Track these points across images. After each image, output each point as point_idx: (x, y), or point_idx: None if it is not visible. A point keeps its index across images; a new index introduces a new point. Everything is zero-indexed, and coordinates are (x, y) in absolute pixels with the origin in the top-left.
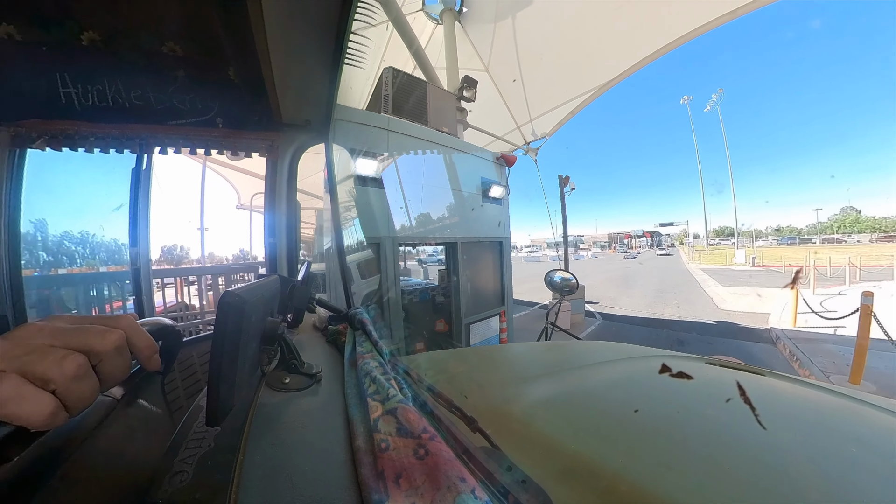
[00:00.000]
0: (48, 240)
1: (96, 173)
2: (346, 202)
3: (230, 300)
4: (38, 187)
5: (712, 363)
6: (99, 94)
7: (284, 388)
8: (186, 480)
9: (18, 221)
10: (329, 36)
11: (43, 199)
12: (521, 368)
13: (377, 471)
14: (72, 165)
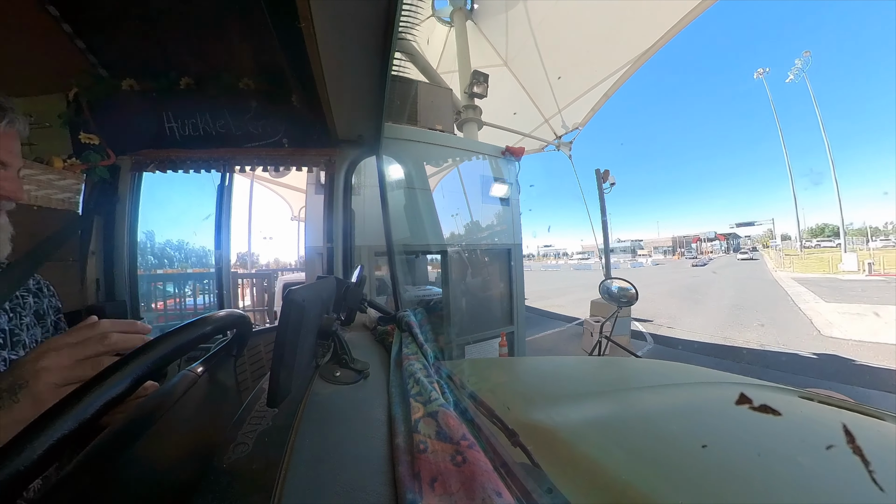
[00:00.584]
0: (155, 246)
1: (190, 189)
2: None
3: (293, 298)
4: (149, 203)
5: (809, 398)
6: (192, 126)
7: (335, 380)
8: (246, 452)
9: (136, 231)
10: (376, 59)
11: (153, 213)
12: (570, 384)
13: (414, 471)
14: (173, 184)
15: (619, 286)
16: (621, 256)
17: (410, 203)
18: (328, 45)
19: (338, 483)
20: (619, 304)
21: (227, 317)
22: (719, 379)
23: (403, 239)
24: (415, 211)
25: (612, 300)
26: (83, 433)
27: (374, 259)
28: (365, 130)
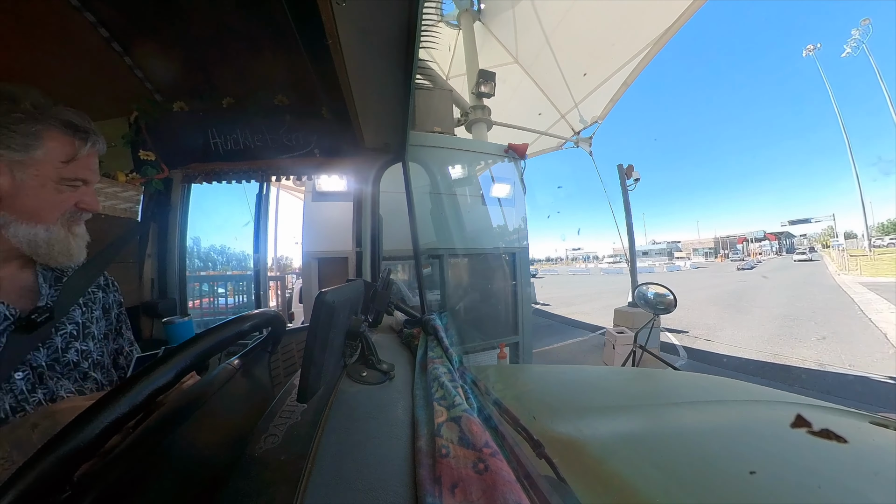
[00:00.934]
0: (200, 250)
1: (232, 198)
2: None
3: (324, 299)
4: (196, 211)
5: (883, 424)
6: (234, 140)
7: (361, 380)
8: (276, 443)
9: (185, 236)
10: (399, 70)
11: (199, 220)
12: (601, 395)
13: (434, 475)
14: (218, 194)
15: (655, 292)
16: (656, 259)
17: (425, 206)
18: (353, 59)
19: (360, 480)
20: (655, 311)
21: (263, 315)
22: (772, 398)
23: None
24: (424, 215)
25: (647, 307)
26: (135, 416)
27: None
28: (391, 138)
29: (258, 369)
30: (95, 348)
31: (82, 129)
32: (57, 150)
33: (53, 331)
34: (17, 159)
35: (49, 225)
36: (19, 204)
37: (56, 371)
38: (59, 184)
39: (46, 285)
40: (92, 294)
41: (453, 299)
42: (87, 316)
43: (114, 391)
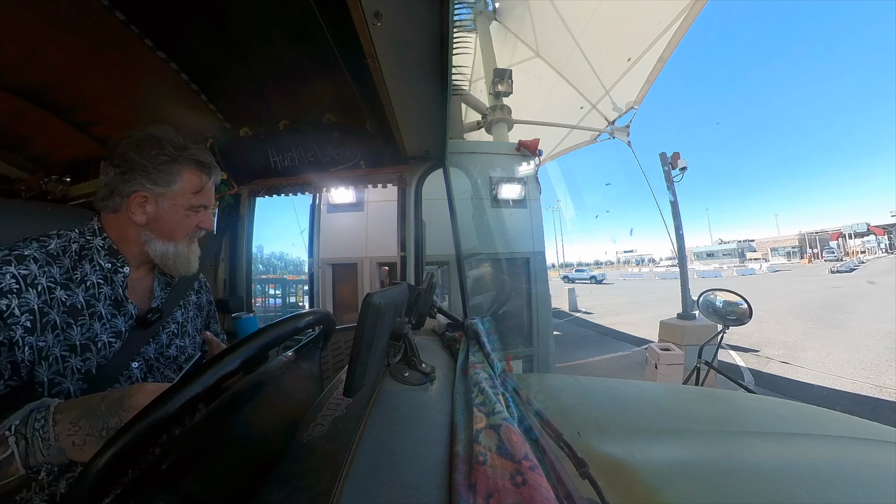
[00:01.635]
0: (263, 256)
1: (289, 209)
2: None
3: (371, 301)
4: (261, 222)
5: None
6: (290, 158)
7: (403, 380)
8: (322, 432)
9: (252, 244)
10: (435, 81)
11: (263, 229)
12: (658, 416)
13: (470, 482)
14: (278, 206)
15: (725, 300)
16: (724, 261)
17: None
18: (391, 74)
19: (397, 477)
20: (725, 322)
21: (316, 314)
22: (884, 436)
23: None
24: (430, 224)
25: (714, 317)
26: (207, 396)
27: (377, 269)
28: (431, 146)
29: (310, 363)
30: (189, 344)
31: (208, 166)
32: (190, 184)
33: (161, 328)
34: (161, 192)
35: (177, 242)
36: (159, 226)
37: (160, 363)
38: (188, 210)
39: (159, 288)
40: (187, 296)
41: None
42: (184, 316)
43: (191, 374)
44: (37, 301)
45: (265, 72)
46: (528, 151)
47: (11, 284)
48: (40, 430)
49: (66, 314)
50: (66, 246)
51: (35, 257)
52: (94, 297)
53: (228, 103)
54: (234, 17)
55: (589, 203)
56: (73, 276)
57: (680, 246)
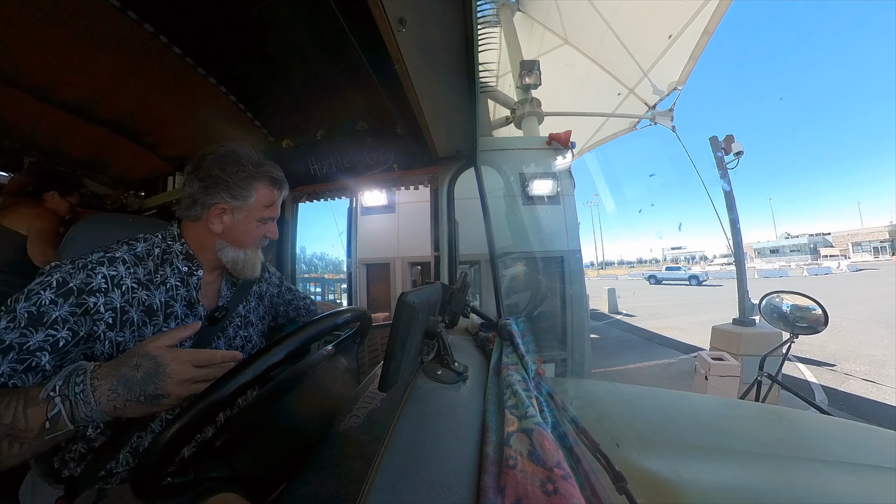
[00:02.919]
0: (306, 257)
1: (328, 212)
2: None
3: (406, 300)
4: (303, 225)
5: None
6: (328, 164)
7: (436, 378)
8: (357, 424)
9: (295, 245)
10: (463, 80)
11: (304, 232)
12: (709, 432)
13: (499, 485)
14: (317, 210)
15: (793, 304)
16: (791, 259)
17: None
18: (419, 77)
19: (426, 473)
20: (793, 330)
21: (354, 312)
22: None
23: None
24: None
25: (780, 324)
26: (256, 383)
27: (409, 269)
28: (461, 145)
29: (347, 357)
30: (254, 332)
31: (280, 181)
32: (263, 198)
33: (227, 323)
34: (238, 205)
35: (247, 250)
36: (232, 235)
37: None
38: (259, 221)
39: (226, 288)
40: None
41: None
42: (246, 308)
43: (242, 363)
44: (120, 300)
45: (302, 87)
46: (559, 144)
47: (101, 284)
48: (81, 393)
49: (143, 313)
50: (150, 249)
51: (124, 259)
52: (173, 298)
53: (271, 118)
54: (272, 40)
55: (631, 196)
56: (153, 279)
57: (736, 241)
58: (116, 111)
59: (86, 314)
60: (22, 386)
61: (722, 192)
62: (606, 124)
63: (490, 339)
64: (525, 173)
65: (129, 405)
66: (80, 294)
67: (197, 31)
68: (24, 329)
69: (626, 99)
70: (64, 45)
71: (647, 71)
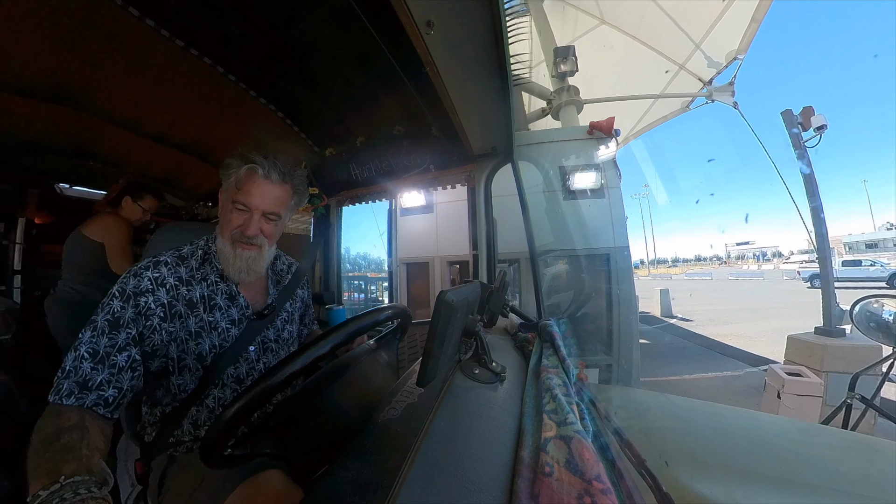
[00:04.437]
0: (350, 257)
1: (370, 215)
2: None
3: (445, 298)
4: (347, 228)
5: None
6: (368, 170)
7: (473, 377)
8: (395, 416)
9: (340, 246)
10: (495, 76)
11: (348, 234)
12: (781, 459)
13: (533, 491)
14: (360, 213)
15: (893, 311)
16: (889, 254)
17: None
18: (451, 78)
19: (459, 471)
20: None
21: (395, 309)
22: None
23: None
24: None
25: (880, 336)
26: (304, 373)
27: (447, 267)
28: (497, 141)
29: (388, 352)
30: (297, 329)
31: (256, 163)
32: (238, 179)
33: (276, 317)
34: (224, 190)
35: (225, 242)
36: (220, 223)
37: (279, 344)
38: (233, 204)
39: (272, 286)
40: (296, 291)
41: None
42: (293, 306)
43: (293, 354)
44: (166, 297)
45: (341, 99)
46: (601, 133)
47: (147, 285)
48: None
49: (185, 306)
50: (194, 251)
51: (167, 261)
52: (214, 292)
53: (315, 130)
54: (311, 59)
55: (686, 186)
56: (195, 275)
57: (820, 234)
58: (186, 136)
59: (140, 314)
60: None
61: (800, 175)
62: (654, 107)
63: (529, 340)
64: (565, 166)
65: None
66: (135, 297)
67: (247, 59)
68: (109, 335)
69: (675, 77)
70: (146, 85)
71: (699, 42)
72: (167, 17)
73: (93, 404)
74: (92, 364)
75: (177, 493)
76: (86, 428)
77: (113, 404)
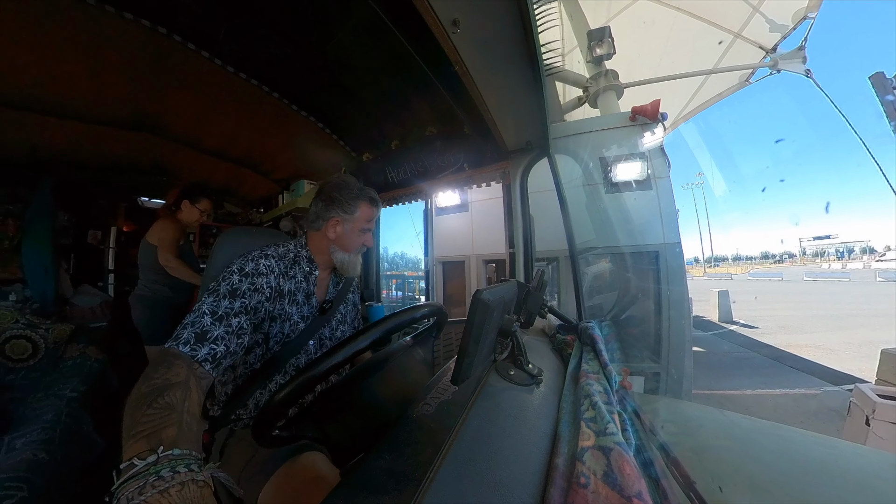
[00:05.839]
0: (388, 256)
1: (406, 216)
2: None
3: (481, 297)
4: (385, 228)
5: None
6: (403, 171)
7: (509, 378)
8: (429, 412)
9: (379, 246)
10: (526, 68)
11: (385, 234)
12: (866, 496)
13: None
14: (397, 213)
15: None
16: None
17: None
18: (480, 75)
19: (490, 473)
20: None
21: (432, 307)
22: None
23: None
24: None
25: None
26: (344, 365)
27: (483, 266)
28: (531, 135)
29: (424, 349)
30: (349, 329)
31: (376, 201)
32: (364, 213)
33: (332, 316)
34: (347, 218)
35: (351, 254)
36: (342, 242)
37: (332, 342)
38: (360, 231)
39: (332, 285)
40: (349, 295)
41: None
42: (345, 308)
43: (334, 348)
44: (273, 282)
45: (375, 105)
46: (646, 119)
47: (262, 269)
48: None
49: (278, 295)
50: (286, 252)
51: (273, 255)
52: (297, 289)
53: (352, 137)
54: (345, 70)
55: (749, 172)
56: (287, 272)
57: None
58: (240, 150)
59: (254, 290)
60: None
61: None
62: (707, 84)
63: (568, 342)
64: (606, 157)
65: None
66: (253, 276)
67: (288, 76)
68: (229, 300)
69: (731, 47)
70: (205, 107)
71: (757, 4)
72: (219, 47)
73: (202, 359)
74: (211, 320)
75: (233, 463)
76: (189, 389)
77: (217, 361)
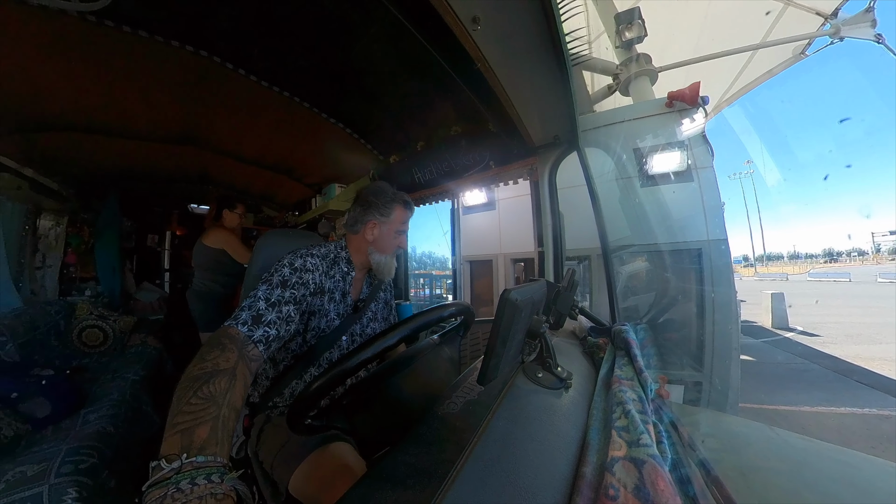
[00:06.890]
0: (416, 255)
1: (434, 215)
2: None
3: (509, 297)
4: (412, 228)
5: None
6: (429, 171)
7: (536, 380)
8: (455, 411)
9: (407, 246)
10: (550, 61)
11: (413, 233)
12: None
13: None
14: (424, 213)
15: None
16: None
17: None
18: (503, 70)
19: (514, 476)
20: None
21: (459, 306)
22: None
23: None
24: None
25: None
26: (373, 361)
27: (511, 265)
28: (559, 129)
29: (450, 348)
30: (379, 327)
31: (410, 204)
32: (399, 216)
33: (363, 314)
34: (383, 220)
35: (387, 255)
36: (379, 244)
37: (363, 338)
38: (396, 233)
39: (366, 285)
40: (381, 294)
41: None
42: (377, 307)
43: (363, 344)
44: (318, 279)
45: (399, 108)
46: (684, 104)
47: (309, 266)
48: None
49: (320, 291)
50: (327, 252)
51: (317, 254)
52: (335, 287)
53: (379, 140)
54: (369, 75)
55: (807, 158)
56: (328, 271)
57: None
58: (276, 158)
59: (301, 284)
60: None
61: None
62: (754, 61)
63: (600, 346)
64: (641, 148)
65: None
66: (301, 272)
67: (316, 85)
68: (280, 289)
69: (781, 17)
70: (244, 121)
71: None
72: (253, 64)
73: (257, 340)
74: (265, 305)
75: (269, 447)
76: (235, 377)
77: (268, 343)
